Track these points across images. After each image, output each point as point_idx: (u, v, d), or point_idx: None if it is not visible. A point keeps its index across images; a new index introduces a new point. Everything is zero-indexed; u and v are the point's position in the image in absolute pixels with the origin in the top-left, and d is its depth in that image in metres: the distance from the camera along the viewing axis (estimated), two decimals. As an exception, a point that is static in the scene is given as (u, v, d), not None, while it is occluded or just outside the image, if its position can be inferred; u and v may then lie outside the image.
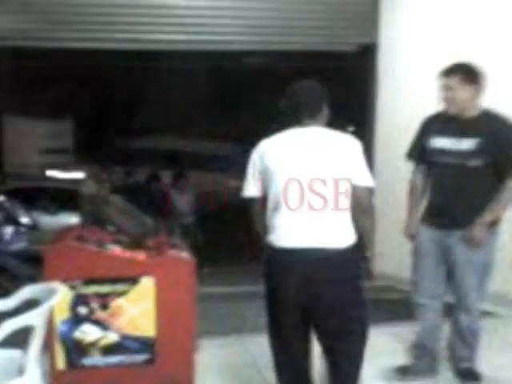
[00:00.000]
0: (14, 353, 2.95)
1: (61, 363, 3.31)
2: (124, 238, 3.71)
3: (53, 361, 3.31)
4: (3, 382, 2.59)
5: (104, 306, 3.30)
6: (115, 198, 4.06)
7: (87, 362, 3.33)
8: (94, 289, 3.29)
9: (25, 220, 5.50)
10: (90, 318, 3.30)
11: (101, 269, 3.32)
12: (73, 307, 3.28)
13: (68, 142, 18.01)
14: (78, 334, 3.30)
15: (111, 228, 3.88)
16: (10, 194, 6.12)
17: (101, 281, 3.30)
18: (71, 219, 8.45)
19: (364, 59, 7.82)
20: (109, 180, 9.79)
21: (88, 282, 3.29)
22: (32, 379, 2.72)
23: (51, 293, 2.84)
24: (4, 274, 5.17)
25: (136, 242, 3.65)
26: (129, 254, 3.45)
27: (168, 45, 7.84)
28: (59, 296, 2.88)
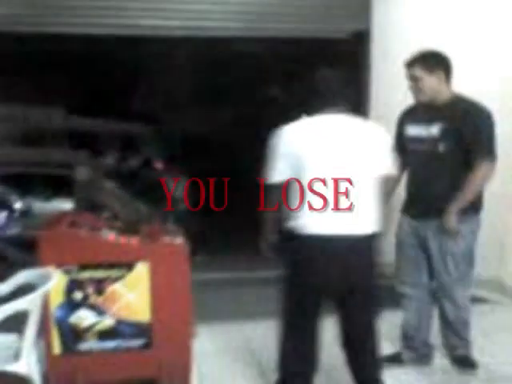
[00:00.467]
0: (9, 338, 2.96)
1: (57, 348, 3.31)
2: (118, 224, 3.71)
3: (48, 346, 3.30)
4: (-1, 367, 2.60)
5: (99, 291, 3.30)
6: (109, 184, 4.05)
7: (83, 346, 3.33)
8: (89, 274, 3.29)
9: (18, 205, 5.48)
10: (85, 303, 3.30)
11: (95, 254, 3.32)
12: (68, 292, 3.28)
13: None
14: (73, 319, 3.30)
15: (105, 214, 3.88)
16: (2, 180, 6.07)
17: (96, 266, 3.30)
18: (65, 205, 8.43)
19: (357, 46, 7.79)
20: (102, 166, 9.77)
21: (83, 267, 3.28)
22: (28, 364, 2.73)
23: (46, 278, 2.85)
24: (-3, 260, 5.17)
25: (130, 227, 3.65)
26: (123, 239, 3.45)
27: (159, 31, 7.76)
28: (54, 281, 2.89)
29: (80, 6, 6.90)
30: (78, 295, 3.29)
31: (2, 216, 5.35)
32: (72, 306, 3.29)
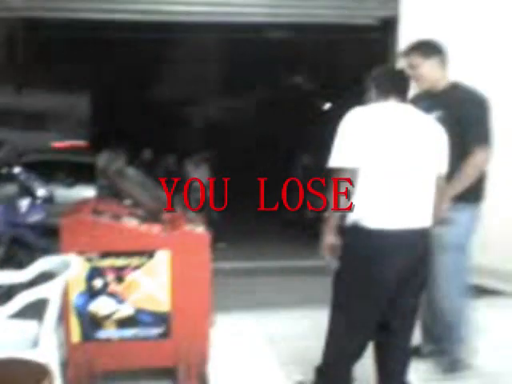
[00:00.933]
0: (29, 324, 2.96)
1: (76, 336, 3.31)
2: (140, 212, 3.69)
3: (68, 333, 3.31)
4: (18, 353, 2.60)
5: (119, 279, 3.29)
6: (131, 171, 4.04)
7: (102, 334, 3.33)
8: (110, 262, 3.28)
9: (41, 192, 5.50)
10: (105, 291, 3.29)
11: (116, 242, 3.30)
12: (88, 280, 3.27)
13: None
14: (93, 307, 3.30)
15: (127, 201, 3.87)
16: (26, 167, 6.11)
17: (117, 254, 3.28)
18: (88, 192, 8.49)
19: (384, 32, 7.68)
20: (124, 153, 9.81)
21: (104, 254, 3.27)
22: (47, 351, 2.73)
23: (67, 265, 2.84)
24: (20, 246, 5.20)
25: (152, 215, 3.63)
26: (145, 227, 3.43)
27: (186, 16, 7.71)
28: (75, 268, 2.88)
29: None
30: (98, 283, 3.28)
31: (25, 203, 5.38)
32: (92, 293, 3.28)
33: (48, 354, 2.72)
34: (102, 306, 3.30)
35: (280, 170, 13.13)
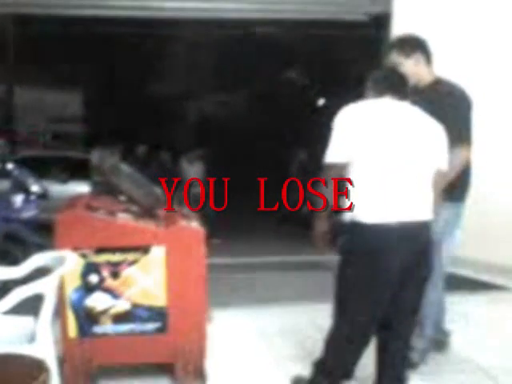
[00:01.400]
0: (25, 320, 2.96)
1: (72, 331, 3.31)
2: (134, 208, 3.69)
3: (64, 329, 3.31)
4: (14, 349, 2.60)
5: (115, 275, 3.29)
6: (125, 167, 4.02)
7: (98, 330, 3.33)
8: (105, 257, 3.28)
9: (35, 188, 5.48)
10: (101, 287, 3.29)
11: (111, 238, 3.30)
12: (84, 276, 3.27)
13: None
14: (89, 303, 3.29)
15: (122, 197, 3.86)
16: (20, 163, 6.10)
17: (112, 249, 3.28)
18: (82, 188, 8.48)
19: (377, 28, 7.70)
20: (118, 150, 9.79)
21: (99, 250, 3.27)
22: (43, 346, 2.72)
23: (62, 261, 2.84)
24: (14, 242, 5.19)
25: (146, 211, 3.63)
26: (139, 223, 3.43)
27: (179, 12, 7.70)
28: (70, 264, 2.88)
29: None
30: (93, 279, 3.28)
31: (19, 199, 5.37)
32: (88, 289, 3.28)
33: (44, 349, 2.72)
34: (97, 301, 3.29)
35: (276, 166, 13.13)
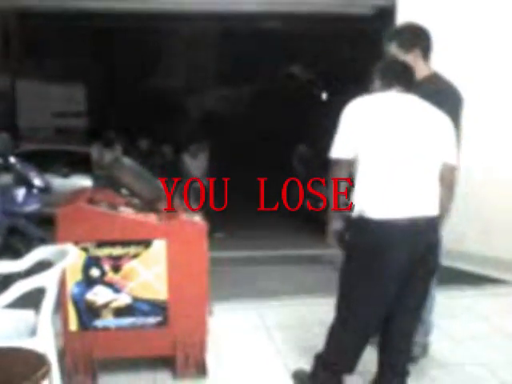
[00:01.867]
0: (26, 314, 2.96)
1: (73, 325, 3.31)
2: (136, 201, 3.68)
3: (65, 322, 3.31)
4: (15, 342, 2.59)
5: (116, 269, 3.29)
6: (127, 161, 4.01)
7: (99, 323, 3.33)
8: (107, 251, 3.27)
9: (37, 182, 5.49)
10: (102, 280, 3.29)
11: (113, 231, 3.29)
12: (85, 269, 3.27)
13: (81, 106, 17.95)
14: (90, 296, 3.29)
15: (124, 191, 3.85)
16: (23, 157, 6.09)
17: (113, 243, 3.28)
18: (84, 182, 8.48)
19: (381, 22, 7.66)
20: (120, 143, 9.77)
21: (100, 244, 3.27)
22: (44, 340, 2.72)
23: (63, 254, 2.83)
24: (16, 236, 5.19)
25: (148, 205, 3.62)
26: (141, 216, 3.42)
27: (180, 6, 7.67)
28: (71, 258, 2.87)
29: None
30: (94, 272, 3.28)
31: (21, 192, 5.37)
32: (89, 282, 3.28)
33: (45, 343, 2.72)
34: (99, 295, 3.29)
35: (278, 160, 13.09)
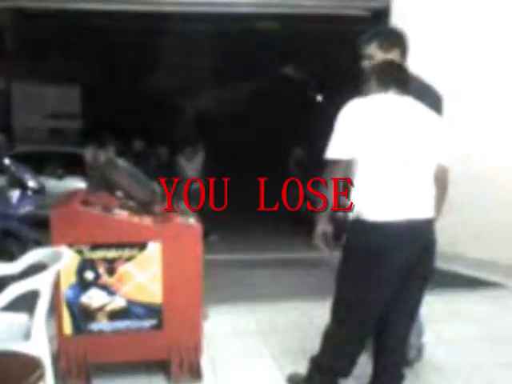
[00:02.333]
0: (20, 317, 2.94)
1: (67, 328, 3.30)
2: (131, 204, 3.67)
3: (59, 325, 3.29)
4: (9, 346, 2.58)
5: (111, 271, 3.27)
6: (121, 162, 4.00)
7: (94, 327, 3.31)
8: (101, 254, 3.26)
9: (32, 184, 5.46)
10: (96, 283, 3.27)
11: (107, 234, 3.28)
12: (79, 272, 3.25)
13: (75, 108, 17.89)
14: (84, 299, 3.28)
15: (119, 193, 3.84)
16: (17, 158, 6.07)
17: (108, 246, 3.26)
18: (78, 183, 8.45)
19: (376, 23, 7.67)
20: (114, 145, 9.75)
21: (95, 246, 3.25)
22: (38, 343, 2.71)
23: (58, 257, 2.82)
24: (10, 238, 5.16)
25: (143, 207, 3.61)
26: (136, 219, 3.41)
27: (172, 7, 7.64)
28: (65, 260, 2.86)
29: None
30: (89, 275, 3.26)
31: (16, 194, 5.34)
32: (83, 285, 3.26)
33: (39, 346, 2.70)
34: (93, 298, 3.28)
35: (275, 163, 13.07)
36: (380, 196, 2.75)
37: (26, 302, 2.76)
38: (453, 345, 4.00)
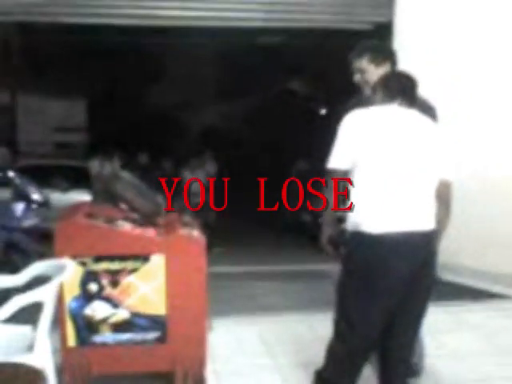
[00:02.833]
0: (23, 329, 2.94)
1: (71, 340, 3.29)
2: (135, 216, 3.68)
3: (63, 338, 3.29)
4: (13, 358, 2.58)
5: (114, 283, 3.27)
6: (126, 175, 4.02)
7: (98, 339, 3.31)
8: (105, 266, 3.26)
9: (36, 197, 5.49)
10: (100, 295, 3.27)
11: (111, 246, 3.28)
12: (83, 284, 3.26)
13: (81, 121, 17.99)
14: (88, 311, 3.28)
15: (122, 205, 3.85)
16: (22, 171, 6.10)
17: (111, 258, 3.27)
18: (83, 197, 8.46)
19: (379, 38, 7.70)
20: (119, 158, 9.76)
21: (98, 258, 3.26)
22: (41, 355, 2.71)
23: (61, 269, 2.83)
24: (15, 250, 5.17)
25: (147, 219, 3.61)
26: (139, 231, 3.41)
27: (179, 21, 7.71)
28: (69, 272, 2.86)
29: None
30: (93, 287, 3.26)
31: (20, 207, 5.36)
32: (87, 297, 3.26)
33: (43, 358, 2.70)
34: (97, 310, 3.28)
35: (277, 176, 13.11)
36: (379, 208, 2.74)
37: (29, 315, 2.76)
38: (456, 356, 3.97)
